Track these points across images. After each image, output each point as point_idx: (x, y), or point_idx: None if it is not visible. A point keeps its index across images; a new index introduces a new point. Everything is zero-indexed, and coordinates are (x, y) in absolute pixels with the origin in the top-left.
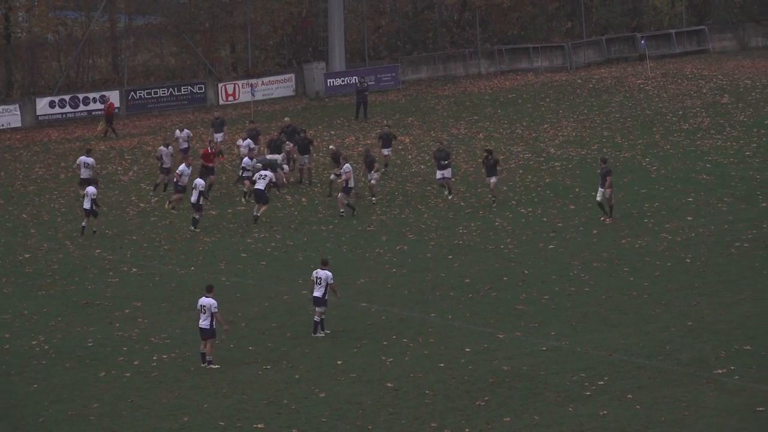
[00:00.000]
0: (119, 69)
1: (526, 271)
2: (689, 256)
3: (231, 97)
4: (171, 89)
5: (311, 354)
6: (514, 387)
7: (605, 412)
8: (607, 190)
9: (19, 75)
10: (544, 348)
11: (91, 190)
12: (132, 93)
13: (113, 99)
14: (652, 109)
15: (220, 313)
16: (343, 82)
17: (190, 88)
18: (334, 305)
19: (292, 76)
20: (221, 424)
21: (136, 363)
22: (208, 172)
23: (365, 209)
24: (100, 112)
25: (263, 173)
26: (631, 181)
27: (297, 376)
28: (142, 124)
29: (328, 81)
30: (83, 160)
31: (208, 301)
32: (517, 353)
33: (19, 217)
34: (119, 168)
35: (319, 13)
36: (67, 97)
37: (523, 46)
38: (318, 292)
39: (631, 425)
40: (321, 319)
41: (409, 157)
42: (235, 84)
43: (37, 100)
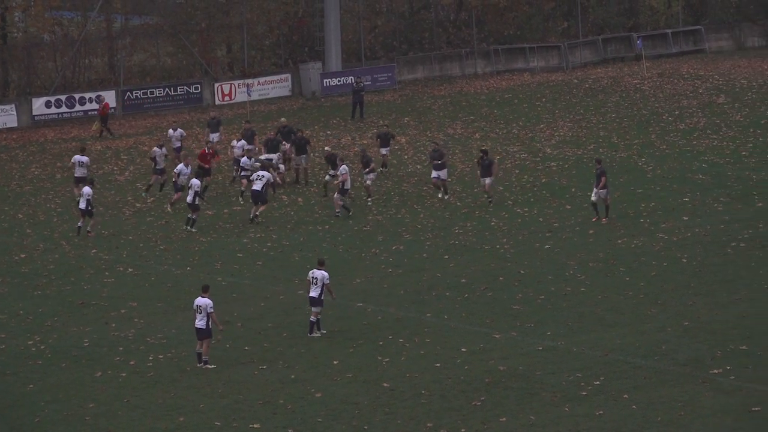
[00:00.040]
0: (115, 69)
1: (522, 271)
2: (685, 256)
3: (227, 97)
4: (167, 89)
5: (307, 354)
6: (510, 387)
7: (601, 412)
8: (602, 190)
9: (16, 75)
10: (540, 348)
11: (86, 191)
12: (128, 93)
13: (109, 99)
14: (649, 109)
15: (216, 313)
16: (339, 82)
17: (186, 88)
18: (330, 305)
19: (289, 76)
20: (217, 424)
21: (132, 363)
22: (205, 173)
23: (361, 209)
24: (96, 112)
25: (261, 174)
26: (627, 181)
27: (293, 376)
28: (138, 124)
29: (325, 81)
30: (78, 159)
31: (204, 301)
32: (513, 353)
33: (15, 217)
34: (115, 168)
35: (315, 13)
36: (63, 97)
37: (519, 46)
38: (314, 292)
39: (627, 425)
40: (317, 319)
41: (405, 157)
42: (231, 84)
43: (34, 100)
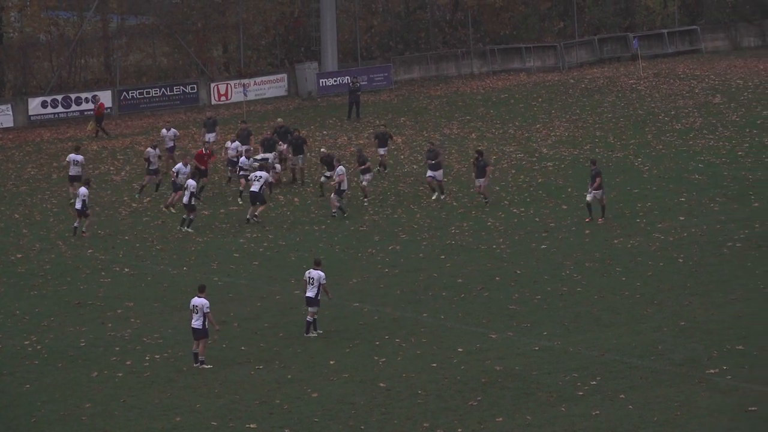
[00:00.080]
0: (111, 69)
1: (519, 271)
2: (681, 256)
3: (223, 97)
4: (163, 89)
5: (303, 354)
6: (506, 387)
7: (597, 412)
8: (597, 191)
9: (12, 75)
10: (537, 348)
11: (83, 191)
12: (124, 93)
13: (105, 99)
14: (645, 109)
15: (212, 313)
16: (335, 82)
17: (182, 88)
18: (326, 305)
19: (285, 76)
20: (213, 424)
21: (129, 363)
22: (201, 173)
23: (357, 209)
24: (91, 112)
25: (258, 175)
26: (623, 181)
27: (289, 376)
28: (134, 124)
29: (321, 81)
30: (72, 158)
31: (201, 301)
32: (510, 353)
33: (12, 217)
34: (111, 168)
35: (312, 13)
36: (59, 97)
37: (515, 46)
38: (311, 293)
39: (623, 425)
40: (314, 319)
41: (402, 157)
42: (227, 84)
43: (30, 100)
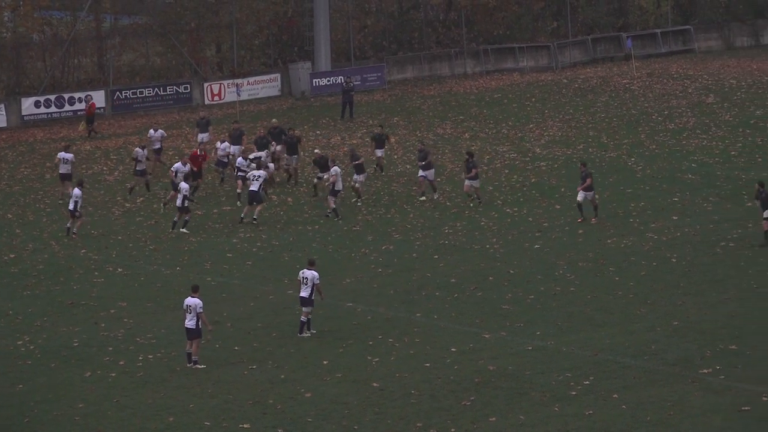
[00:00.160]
0: (105, 69)
1: (512, 271)
2: (675, 256)
3: (217, 97)
4: (156, 89)
5: (297, 354)
6: (499, 387)
7: (591, 412)
8: (588, 192)
9: (4, 75)
10: (530, 348)
11: (76, 192)
12: (117, 93)
13: (99, 99)
14: (638, 109)
15: (205, 313)
16: (328, 81)
17: (175, 88)
18: (319, 305)
19: (278, 75)
20: (207, 424)
21: (122, 363)
22: (195, 175)
23: (351, 209)
24: (84, 113)
25: (257, 174)
26: (616, 181)
27: (283, 376)
28: (128, 124)
29: (314, 81)
30: (63, 156)
31: (194, 301)
32: (503, 353)
33: (5, 217)
34: (104, 168)
35: (305, 12)
36: (52, 97)
37: (508, 46)
38: (304, 293)
39: (616, 425)
40: (307, 319)
41: (395, 156)
42: (220, 84)
43: (23, 100)
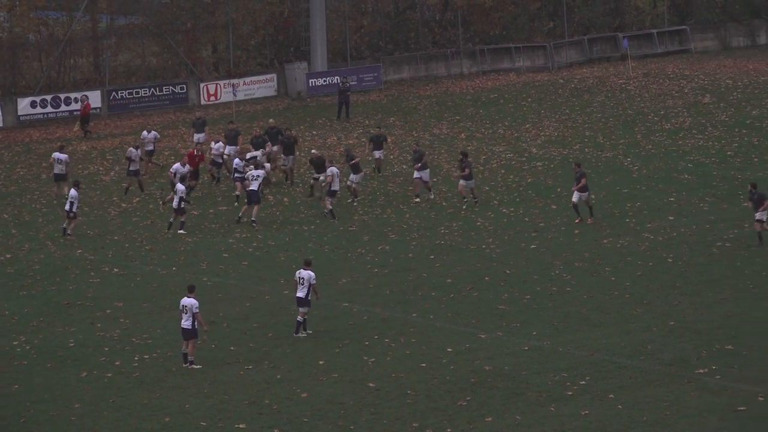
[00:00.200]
0: (101, 69)
1: (508, 271)
2: (671, 256)
3: (213, 97)
4: (152, 89)
5: (293, 354)
6: (495, 387)
7: (587, 412)
8: (583, 192)
9: (0, 75)
10: (526, 348)
11: (72, 193)
12: (113, 93)
13: (95, 99)
14: (634, 109)
15: (201, 313)
16: (325, 82)
17: (171, 88)
18: (315, 305)
19: (274, 76)
20: (203, 424)
21: (118, 363)
22: (191, 176)
23: (347, 209)
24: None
25: (256, 174)
26: (612, 181)
27: (278, 376)
28: (124, 125)
29: (310, 81)
30: (57, 156)
31: (190, 301)
32: (499, 353)
33: (1, 217)
34: (101, 168)
35: (301, 13)
36: (48, 97)
37: (505, 46)
38: (301, 293)
39: (612, 425)
40: (304, 319)
41: (391, 156)
42: (216, 84)
43: (19, 100)
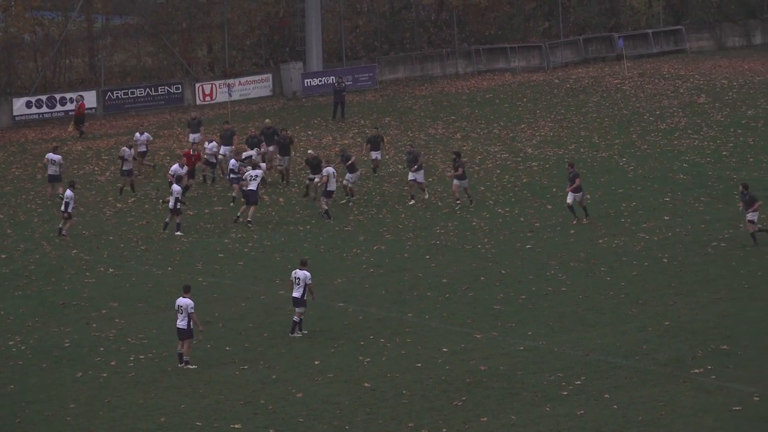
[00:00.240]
0: (96, 69)
1: (504, 271)
2: (666, 256)
3: (208, 98)
4: (148, 89)
5: (288, 354)
6: (491, 387)
7: (582, 412)
8: (577, 193)
9: None
10: (522, 348)
11: (68, 194)
12: (109, 93)
13: (90, 99)
14: (630, 109)
15: (196, 313)
16: (320, 82)
17: (167, 88)
18: (311, 305)
19: (270, 76)
20: (198, 424)
21: (113, 363)
22: (188, 174)
23: (342, 209)
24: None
25: (254, 174)
26: (608, 181)
27: (274, 377)
28: (119, 125)
29: (306, 81)
30: (50, 157)
31: (186, 301)
32: (495, 353)
33: None
34: (96, 168)
35: (296, 13)
36: (43, 97)
37: (500, 46)
38: (297, 293)
39: (608, 425)
40: (300, 319)
41: (387, 156)
42: (212, 84)
43: (14, 100)
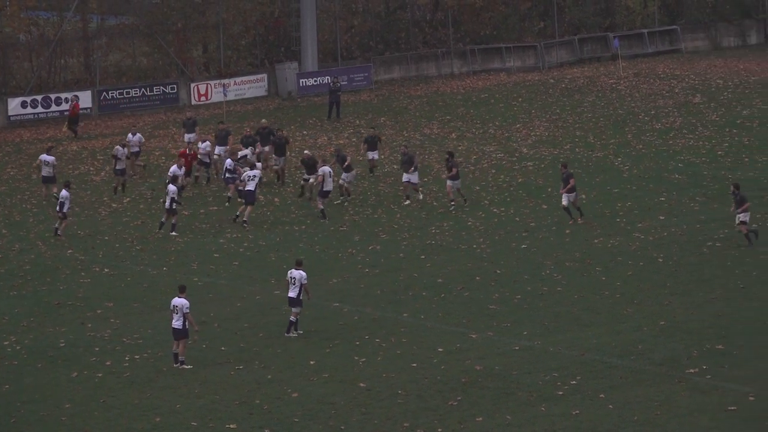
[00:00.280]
0: (91, 69)
1: (499, 271)
2: (661, 256)
3: (203, 98)
4: (143, 89)
5: (284, 354)
6: (486, 387)
7: (578, 412)
8: (570, 193)
9: None
10: (517, 348)
11: (64, 194)
12: (104, 93)
13: (85, 99)
14: (625, 109)
15: (192, 313)
16: (315, 82)
17: (162, 88)
18: (306, 305)
19: (265, 76)
20: (193, 424)
21: (108, 363)
22: (184, 173)
23: (338, 209)
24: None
25: (252, 174)
26: (603, 181)
27: (269, 377)
28: (114, 125)
29: (301, 81)
30: (44, 158)
31: (181, 301)
32: (490, 353)
33: None
34: (91, 168)
35: (292, 13)
36: (39, 97)
37: (495, 46)
38: (292, 293)
39: (603, 425)
40: (296, 319)
41: (382, 157)
42: (207, 84)
43: (9, 100)
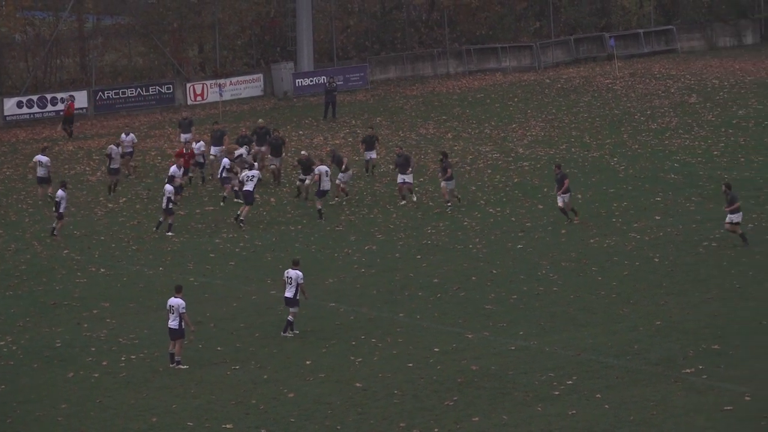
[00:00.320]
0: (87, 69)
1: (495, 271)
2: (657, 256)
3: (199, 98)
4: (139, 89)
5: (280, 354)
6: (482, 387)
7: (574, 412)
8: (565, 194)
9: None
10: (513, 348)
11: (60, 194)
12: (100, 93)
13: (81, 99)
14: (621, 109)
15: (188, 313)
16: (311, 82)
17: (158, 88)
18: (302, 305)
19: (261, 76)
20: (190, 424)
21: (105, 363)
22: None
23: (334, 209)
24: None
25: (251, 174)
26: (599, 181)
27: (265, 377)
28: (110, 125)
29: (297, 81)
30: (39, 159)
31: (177, 301)
32: (486, 353)
33: None
34: (87, 168)
35: (287, 13)
36: (34, 97)
37: (491, 46)
38: (289, 293)
39: (599, 425)
40: (293, 319)
41: (378, 156)
42: (203, 84)
43: (5, 100)
